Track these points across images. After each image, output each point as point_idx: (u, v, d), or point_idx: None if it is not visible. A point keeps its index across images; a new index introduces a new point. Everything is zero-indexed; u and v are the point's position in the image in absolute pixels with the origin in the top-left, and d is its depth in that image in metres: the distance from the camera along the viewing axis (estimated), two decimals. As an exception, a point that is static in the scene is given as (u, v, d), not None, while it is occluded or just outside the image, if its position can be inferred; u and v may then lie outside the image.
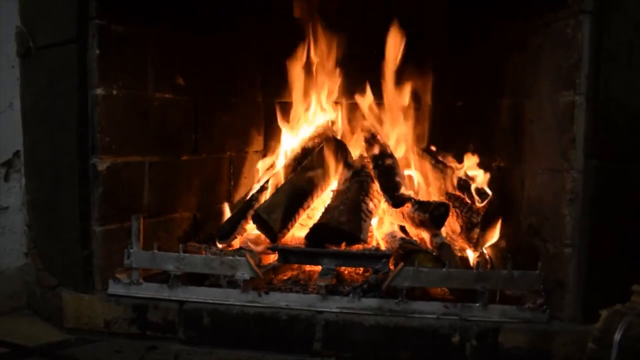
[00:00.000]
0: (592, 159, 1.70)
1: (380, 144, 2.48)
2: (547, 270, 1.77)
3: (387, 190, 2.26)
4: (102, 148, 1.92)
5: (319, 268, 1.97)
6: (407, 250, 2.01)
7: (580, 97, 1.70)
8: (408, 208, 2.23)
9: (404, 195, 2.22)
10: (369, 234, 2.22)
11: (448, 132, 2.54)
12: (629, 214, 1.71)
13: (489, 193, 2.18)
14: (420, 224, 2.21)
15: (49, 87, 2.02)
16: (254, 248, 2.13)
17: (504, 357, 1.72)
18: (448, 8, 2.50)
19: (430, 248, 2.13)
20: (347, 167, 2.47)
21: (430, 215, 2.13)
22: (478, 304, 1.77)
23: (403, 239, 2.16)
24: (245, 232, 2.35)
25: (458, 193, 2.30)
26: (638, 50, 1.67)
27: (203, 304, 1.85)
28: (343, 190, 2.30)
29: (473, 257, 2.16)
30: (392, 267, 1.94)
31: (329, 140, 2.52)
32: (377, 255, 1.93)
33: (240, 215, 2.35)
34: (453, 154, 2.42)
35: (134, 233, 1.90)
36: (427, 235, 2.24)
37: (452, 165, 2.39)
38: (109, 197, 1.95)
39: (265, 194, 2.40)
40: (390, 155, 2.43)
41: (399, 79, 2.53)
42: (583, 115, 1.71)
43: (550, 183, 1.83)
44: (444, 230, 2.24)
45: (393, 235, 2.23)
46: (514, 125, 2.07)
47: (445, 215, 2.14)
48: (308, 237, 2.16)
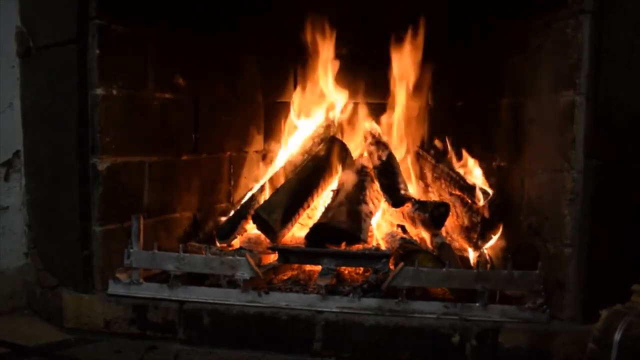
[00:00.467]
0: (592, 159, 1.70)
1: (380, 144, 2.49)
2: (547, 270, 1.77)
3: (387, 190, 2.26)
4: (102, 148, 1.92)
5: (319, 268, 1.97)
6: (407, 250, 2.01)
7: (580, 97, 1.70)
8: (408, 208, 2.24)
9: (404, 195, 2.22)
10: (369, 234, 2.22)
11: (448, 132, 2.54)
12: (629, 214, 1.71)
13: (490, 193, 2.18)
14: (421, 224, 2.21)
15: (49, 87, 2.02)
16: (254, 248, 2.13)
17: (504, 357, 1.72)
18: (448, 8, 2.50)
19: (430, 248, 2.13)
20: (347, 166, 2.47)
21: (430, 215, 2.13)
22: (478, 304, 1.77)
23: (403, 239, 2.16)
24: (245, 232, 2.35)
25: (458, 193, 2.30)
26: (638, 50, 1.67)
27: (203, 304, 1.85)
28: (343, 190, 2.30)
29: (473, 257, 2.16)
30: (392, 267, 1.94)
31: (329, 140, 2.52)
32: (377, 255, 1.93)
33: (240, 215, 2.35)
34: (453, 154, 2.42)
35: (134, 233, 1.90)
36: (427, 235, 2.24)
37: (452, 165, 2.39)
38: (109, 197, 1.95)
39: (265, 194, 2.40)
40: (390, 155, 2.43)
41: (399, 79, 2.53)
42: (583, 115, 1.71)
43: (550, 183, 1.83)
44: (444, 230, 2.24)
45: (393, 235, 2.23)
46: (514, 125, 2.07)
47: (445, 215, 2.15)
48: (308, 237, 2.16)
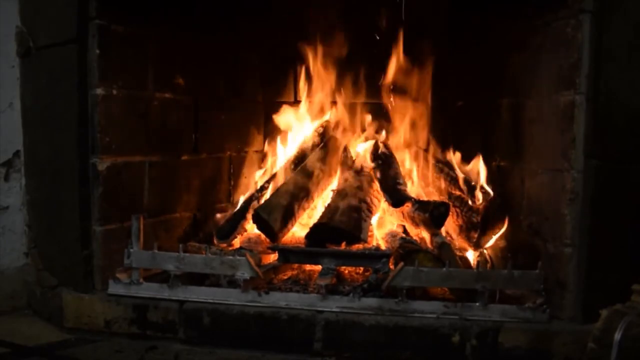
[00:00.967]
0: (592, 159, 1.70)
1: (380, 144, 2.49)
2: (547, 270, 1.77)
3: (387, 190, 2.26)
4: (102, 148, 1.92)
5: (319, 268, 1.97)
6: (407, 250, 2.01)
7: (580, 96, 1.70)
8: (408, 208, 2.24)
9: (404, 195, 2.22)
10: (369, 234, 2.22)
11: (448, 131, 2.54)
12: (629, 214, 1.71)
13: (490, 192, 2.18)
14: (421, 224, 2.21)
15: (49, 87, 2.02)
16: (254, 248, 2.13)
17: (504, 356, 1.72)
18: (448, 8, 2.50)
19: (431, 248, 2.13)
20: (347, 166, 2.47)
21: (431, 215, 2.13)
22: (478, 304, 1.77)
23: (403, 239, 2.16)
24: (245, 232, 2.35)
25: (458, 192, 2.30)
26: (638, 50, 1.67)
27: (203, 304, 1.85)
28: (343, 190, 2.30)
29: (473, 256, 2.16)
30: (392, 266, 1.94)
31: (329, 140, 2.52)
32: (377, 255, 1.93)
33: (240, 215, 2.35)
34: (453, 154, 2.42)
35: (134, 233, 1.90)
36: (427, 235, 2.24)
37: (452, 165, 2.39)
38: (109, 197, 1.95)
39: (265, 194, 2.40)
40: (390, 155, 2.43)
41: (400, 79, 2.53)
42: (583, 115, 1.71)
43: (551, 183, 1.83)
44: (444, 230, 2.24)
45: (393, 235, 2.23)
46: (514, 125, 2.07)
47: (446, 215, 2.14)
48: (308, 236, 2.16)
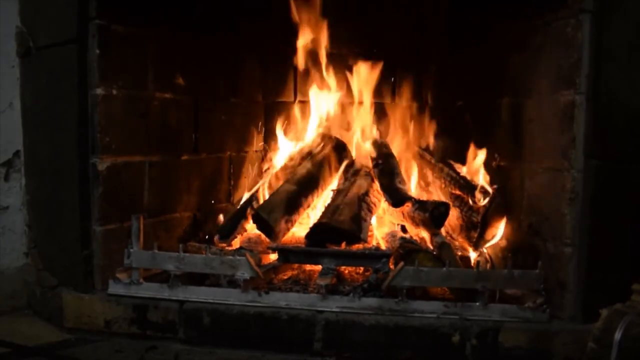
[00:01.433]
0: (592, 159, 1.70)
1: (380, 144, 2.49)
2: (547, 270, 1.77)
3: (387, 190, 2.26)
4: (102, 148, 1.92)
5: (319, 267, 1.97)
6: (407, 250, 2.01)
7: (581, 96, 1.70)
8: (408, 207, 2.24)
9: (404, 195, 2.22)
10: (369, 234, 2.22)
11: (448, 131, 2.54)
12: (629, 214, 1.71)
13: (490, 192, 2.18)
14: (421, 224, 2.21)
15: (49, 87, 2.02)
16: (254, 248, 2.13)
17: (504, 356, 1.72)
18: (448, 8, 2.50)
19: (431, 247, 2.13)
20: (347, 166, 2.47)
21: (431, 215, 2.13)
22: (478, 304, 1.77)
23: (403, 239, 2.16)
24: (245, 232, 2.35)
25: (458, 192, 2.30)
26: (638, 50, 1.67)
27: (203, 304, 1.85)
28: (343, 190, 2.30)
29: (473, 256, 2.16)
30: (392, 266, 1.94)
31: (329, 140, 2.52)
32: (377, 255, 1.93)
33: (240, 215, 2.35)
34: (453, 154, 2.42)
35: (134, 233, 1.90)
36: (427, 235, 2.24)
37: (452, 165, 2.39)
38: (109, 197, 1.95)
39: (265, 194, 2.40)
40: (390, 155, 2.43)
41: (400, 79, 2.54)
42: (583, 115, 1.71)
43: (551, 182, 1.83)
44: (444, 230, 2.24)
45: (393, 235, 2.23)
46: (514, 125, 2.07)
47: (446, 215, 2.15)
48: (308, 236, 2.16)
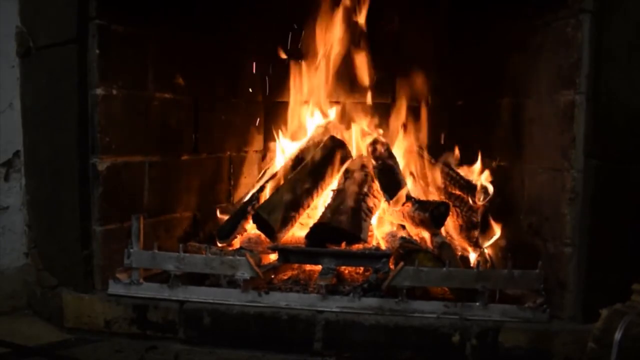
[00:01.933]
0: (592, 159, 1.70)
1: (380, 143, 2.49)
2: (547, 270, 1.77)
3: (387, 190, 2.26)
4: (102, 148, 1.92)
5: (319, 268, 1.97)
6: (407, 250, 2.01)
7: (581, 96, 1.70)
8: (408, 207, 2.24)
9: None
10: (369, 234, 2.22)
11: (448, 131, 2.54)
12: (629, 214, 1.70)
13: (490, 192, 2.18)
14: (421, 224, 2.21)
15: (49, 87, 2.02)
16: (254, 248, 2.13)
17: (504, 356, 1.72)
18: (448, 8, 2.50)
19: (431, 247, 2.13)
20: (347, 166, 2.47)
21: (431, 215, 2.13)
22: (478, 304, 1.77)
23: (403, 239, 2.16)
24: (245, 232, 2.35)
25: (458, 192, 2.30)
26: (638, 50, 1.67)
27: (203, 304, 1.85)
28: (343, 190, 2.30)
29: (473, 256, 2.16)
30: (392, 266, 1.94)
31: (329, 140, 2.52)
32: (377, 255, 1.93)
33: (241, 215, 2.35)
34: (453, 154, 2.42)
35: (134, 233, 1.90)
36: (427, 235, 2.24)
37: (452, 165, 2.39)
38: (109, 197, 1.95)
39: (265, 194, 2.40)
40: (390, 155, 2.43)
41: (400, 79, 2.54)
42: (583, 115, 1.71)
43: (551, 182, 1.83)
44: (444, 230, 2.24)
45: (393, 235, 2.23)
46: (514, 125, 2.07)
47: (446, 215, 2.15)
48: (308, 236, 2.16)
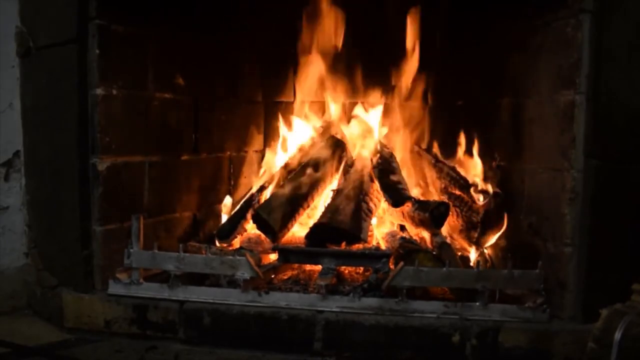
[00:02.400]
0: (592, 159, 1.70)
1: (380, 143, 2.49)
2: (547, 270, 1.77)
3: (387, 190, 2.26)
4: (102, 148, 1.92)
5: (319, 268, 1.97)
6: (407, 250, 2.01)
7: (581, 96, 1.71)
8: (408, 207, 2.23)
9: (404, 195, 2.22)
10: (369, 234, 2.22)
11: (448, 131, 2.54)
12: (629, 214, 1.70)
13: (490, 192, 2.18)
14: (421, 224, 2.21)
15: (49, 87, 2.02)
16: (254, 248, 2.13)
17: (504, 356, 1.72)
18: (448, 8, 2.50)
19: (431, 247, 2.13)
20: (347, 166, 2.47)
21: (431, 215, 2.13)
22: (478, 304, 1.77)
23: (403, 239, 2.16)
24: (246, 231, 2.35)
25: (458, 192, 2.30)
26: (638, 50, 1.67)
27: (203, 304, 1.85)
28: (343, 190, 2.30)
29: (473, 256, 2.16)
30: (392, 266, 1.94)
31: (329, 140, 2.52)
32: (377, 255, 1.93)
33: (241, 215, 2.35)
34: (453, 154, 2.42)
35: (134, 233, 1.90)
36: (427, 235, 2.23)
37: (452, 165, 2.39)
38: (109, 197, 1.95)
39: (265, 194, 2.40)
40: (390, 155, 2.43)
41: (400, 79, 2.53)
42: (583, 115, 1.71)
43: (551, 182, 1.83)
44: (444, 230, 2.24)
45: (393, 235, 2.23)
46: (514, 125, 2.07)
47: (446, 215, 2.14)
48: (308, 236, 2.16)
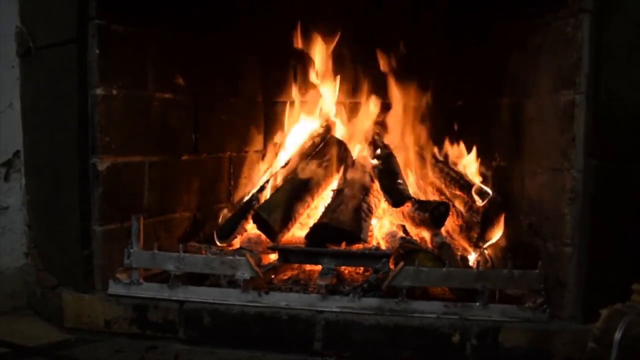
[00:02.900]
0: (592, 159, 1.70)
1: (380, 144, 2.49)
2: (547, 270, 1.77)
3: (387, 190, 2.26)
4: (102, 148, 1.92)
5: (319, 268, 1.97)
6: (407, 250, 2.01)
7: (581, 96, 1.70)
8: (408, 208, 2.24)
9: (404, 195, 2.22)
10: (369, 234, 2.22)
11: (448, 131, 2.54)
12: (629, 214, 1.70)
13: (490, 192, 2.18)
14: (421, 224, 2.21)
15: (49, 87, 2.02)
16: (254, 248, 2.13)
17: (504, 356, 1.72)
18: (448, 8, 2.50)
19: (431, 247, 2.13)
20: (347, 166, 2.47)
21: (431, 215, 2.13)
22: (478, 304, 1.77)
23: (403, 239, 2.16)
24: (246, 232, 2.35)
25: (458, 192, 2.29)
26: (638, 50, 1.67)
27: (203, 304, 1.85)
28: (343, 190, 2.30)
29: (473, 256, 2.16)
30: (392, 266, 1.94)
31: (329, 140, 2.52)
32: (377, 255, 1.93)
33: (241, 215, 2.35)
34: (453, 154, 2.42)
35: (134, 233, 1.90)
36: (427, 235, 2.23)
37: (452, 165, 2.39)
38: (109, 197, 1.95)
39: (265, 194, 2.40)
40: (390, 155, 2.43)
41: (400, 79, 2.53)
42: (583, 115, 1.71)
43: (551, 182, 1.83)
44: (444, 230, 2.24)
45: (393, 235, 2.23)
46: (514, 125, 2.07)
47: (446, 215, 2.15)
48: (308, 236, 2.16)
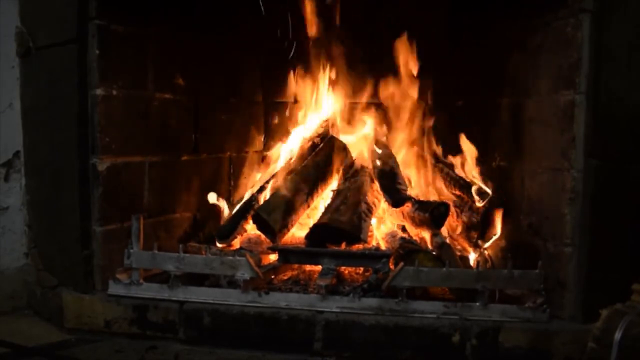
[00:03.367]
0: (592, 159, 1.70)
1: (380, 144, 2.49)
2: (547, 270, 1.77)
3: (387, 190, 2.26)
4: (102, 148, 1.92)
5: (319, 268, 1.97)
6: (407, 250, 2.01)
7: (581, 96, 1.71)
8: (408, 208, 2.24)
9: (404, 195, 2.22)
10: (369, 234, 2.22)
11: (448, 131, 2.54)
12: (629, 214, 1.71)
13: (490, 192, 2.18)
14: (421, 224, 2.21)
15: (49, 87, 2.02)
16: (254, 248, 2.13)
17: (504, 356, 1.72)
18: (448, 8, 2.50)
19: (431, 248, 2.13)
20: (347, 167, 2.47)
21: (431, 215, 2.13)
22: (478, 304, 1.77)
23: (403, 239, 2.16)
24: (245, 232, 2.35)
25: (458, 192, 2.29)
26: (638, 50, 1.67)
27: (203, 304, 1.85)
28: (343, 190, 2.30)
29: (473, 256, 2.16)
30: (392, 266, 1.94)
31: (329, 140, 2.52)
32: (377, 255, 1.93)
33: (241, 215, 2.35)
34: (453, 154, 2.42)
35: (134, 233, 1.90)
36: (427, 235, 2.23)
37: (452, 165, 2.39)
38: (109, 197, 1.95)
39: (265, 194, 2.40)
40: (390, 155, 2.43)
41: (400, 79, 2.53)
42: (583, 115, 1.71)
43: (551, 182, 1.83)
44: (444, 230, 2.24)
45: (393, 235, 2.23)
46: (514, 125, 2.07)
47: (446, 215, 2.15)
48: (308, 236, 2.16)
